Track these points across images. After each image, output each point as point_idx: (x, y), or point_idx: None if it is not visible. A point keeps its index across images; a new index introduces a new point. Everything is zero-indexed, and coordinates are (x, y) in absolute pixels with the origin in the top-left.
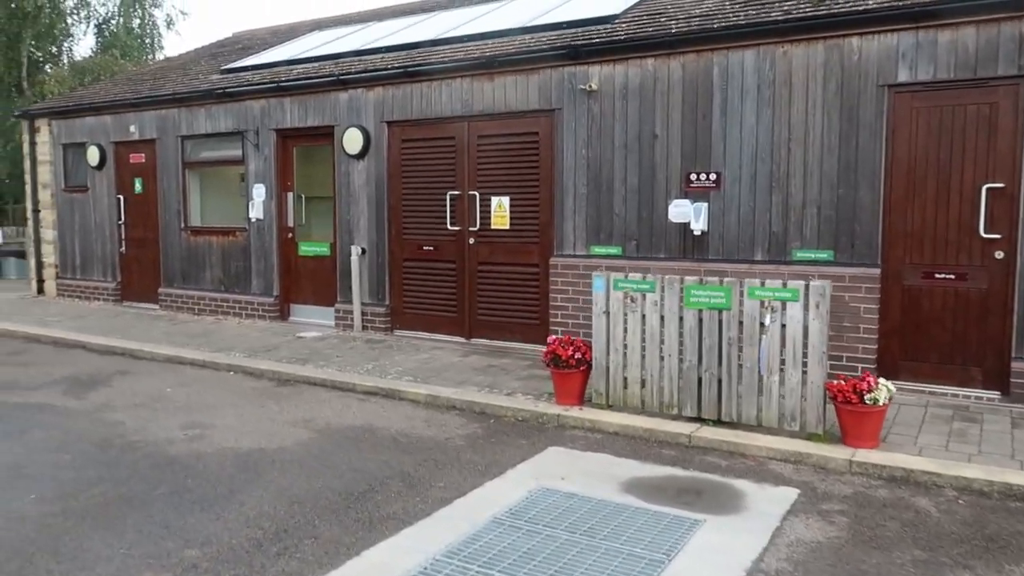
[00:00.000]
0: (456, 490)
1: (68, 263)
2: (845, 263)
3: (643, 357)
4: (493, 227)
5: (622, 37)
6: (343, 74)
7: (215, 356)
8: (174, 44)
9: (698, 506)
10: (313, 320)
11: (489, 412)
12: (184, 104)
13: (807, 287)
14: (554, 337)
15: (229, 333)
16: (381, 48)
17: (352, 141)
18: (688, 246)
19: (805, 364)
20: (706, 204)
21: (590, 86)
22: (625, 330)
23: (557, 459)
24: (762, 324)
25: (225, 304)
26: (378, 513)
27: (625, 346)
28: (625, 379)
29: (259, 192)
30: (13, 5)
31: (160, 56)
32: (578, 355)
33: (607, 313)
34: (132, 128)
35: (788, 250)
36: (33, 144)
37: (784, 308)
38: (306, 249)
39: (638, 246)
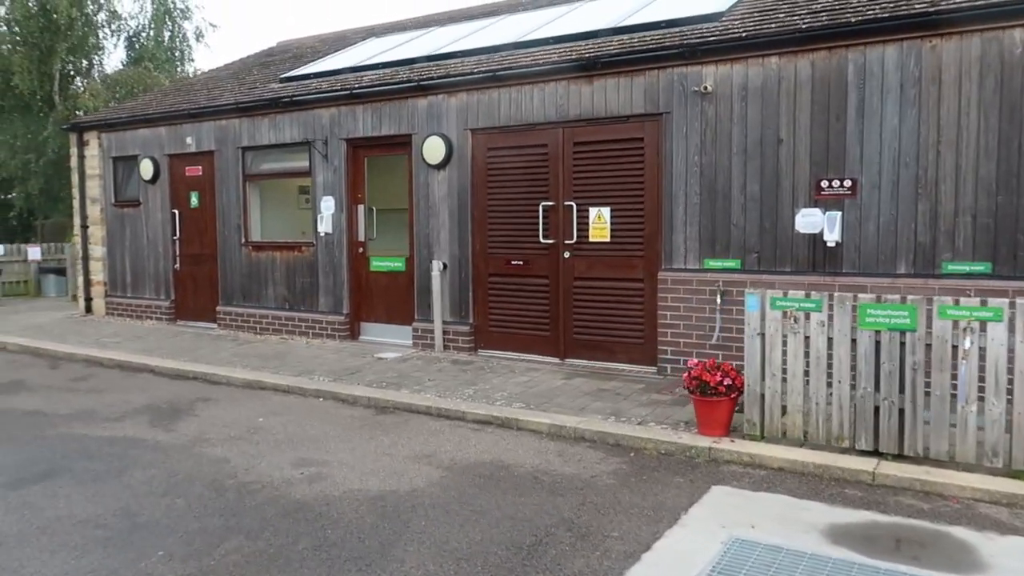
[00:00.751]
0: (636, 541)
1: (118, 280)
2: (1007, 276)
3: (806, 383)
4: (591, 240)
5: (743, 35)
6: (423, 80)
7: (299, 381)
8: (204, 57)
9: (928, 561)
10: (387, 340)
11: (625, 444)
12: (246, 114)
13: (1012, 305)
14: (695, 360)
15: (302, 354)
16: (458, 52)
17: (433, 150)
18: (818, 259)
19: (1010, 392)
20: (840, 213)
21: (705, 87)
22: (784, 353)
23: (729, 501)
24: (956, 347)
25: (290, 323)
26: (563, 573)
27: (784, 371)
28: (784, 408)
29: (328, 205)
30: (44, 20)
31: (190, 69)
32: (727, 381)
33: (762, 335)
34: (189, 140)
35: (937, 262)
36: (82, 158)
37: (983, 329)
38: (379, 264)
39: (759, 259)
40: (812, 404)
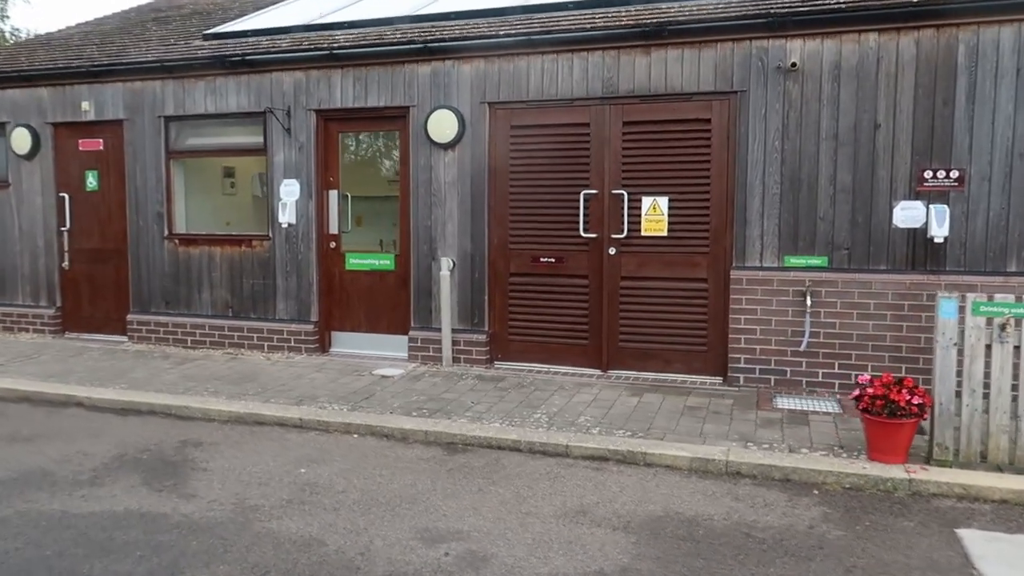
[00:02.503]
0: None
1: None
2: None
3: (1014, 400)
4: (644, 233)
5: (841, 6)
6: (431, 41)
7: (310, 412)
8: (23, 14)
9: None
10: (368, 352)
11: (798, 479)
12: (173, 76)
13: None
14: (868, 376)
15: (275, 374)
16: (460, 12)
17: (441, 127)
18: (919, 256)
19: None
20: (945, 206)
21: (791, 64)
22: (987, 366)
23: (1003, 551)
24: None
25: (236, 335)
26: None
27: (986, 387)
28: (987, 429)
29: (290, 190)
30: None
31: (5, 27)
32: (916, 400)
33: (956, 346)
34: (85, 105)
35: None
36: None
37: None
38: (358, 262)
39: (849, 256)
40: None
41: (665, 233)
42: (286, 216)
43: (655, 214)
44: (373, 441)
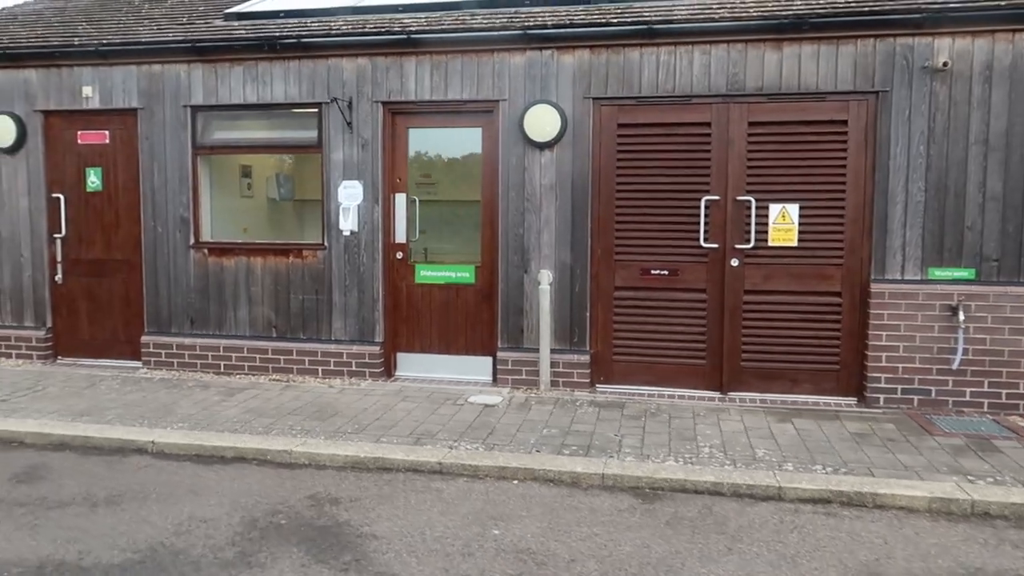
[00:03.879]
0: None
1: None
2: None
3: None
4: (771, 244)
5: (1000, 3)
6: (533, 27)
7: (456, 455)
8: None
9: None
10: (441, 376)
11: None
12: (204, 58)
13: None
14: None
15: (355, 405)
16: None
17: (539, 124)
18: None
19: None
20: None
21: (943, 63)
22: None
23: None
24: None
25: (283, 358)
26: None
27: None
28: None
29: (351, 193)
30: None
31: None
32: None
33: None
34: (88, 91)
35: None
36: None
37: None
38: (430, 275)
39: (999, 268)
40: None
41: (794, 243)
42: (348, 223)
43: (784, 223)
44: (541, 488)
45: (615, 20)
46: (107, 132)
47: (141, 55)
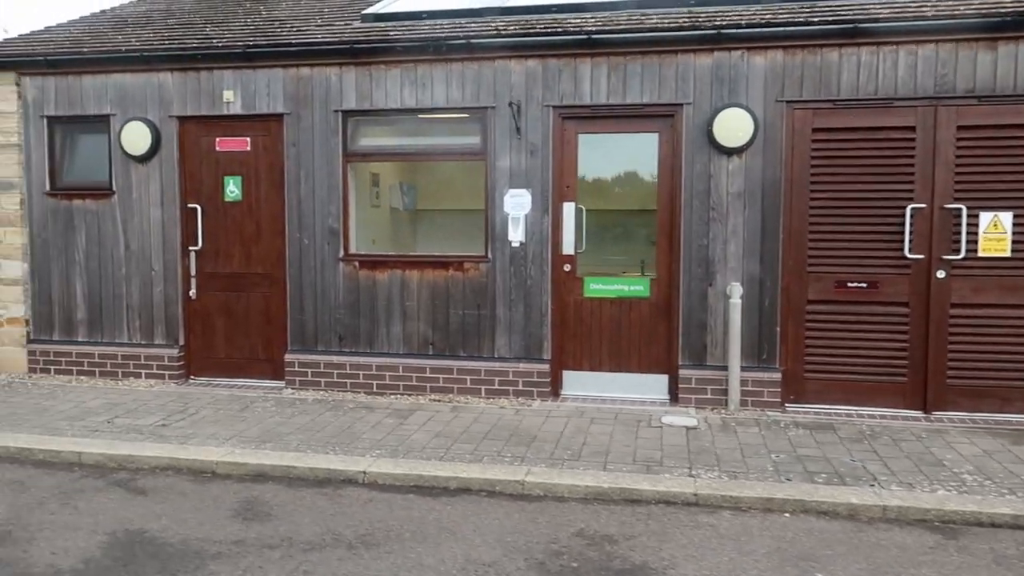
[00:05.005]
0: None
1: (56, 317)
2: None
3: None
4: (980, 254)
5: None
6: (726, 27)
7: (709, 485)
8: None
9: None
10: (612, 395)
11: None
12: (359, 61)
13: None
14: None
15: (540, 428)
16: None
17: (731, 128)
18: None
19: None
20: None
21: None
22: None
23: None
24: None
25: (441, 377)
26: None
27: None
28: None
29: (519, 202)
30: None
31: None
32: None
33: None
34: (229, 95)
35: None
36: None
37: None
38: (600, 288)
39: None
40: None
41: (1007, 253)
42: (517, 233)
43: (996, 232)
44: (819, 522)
45: (815, 19)
46: (248, 139)
47: (289, 57)
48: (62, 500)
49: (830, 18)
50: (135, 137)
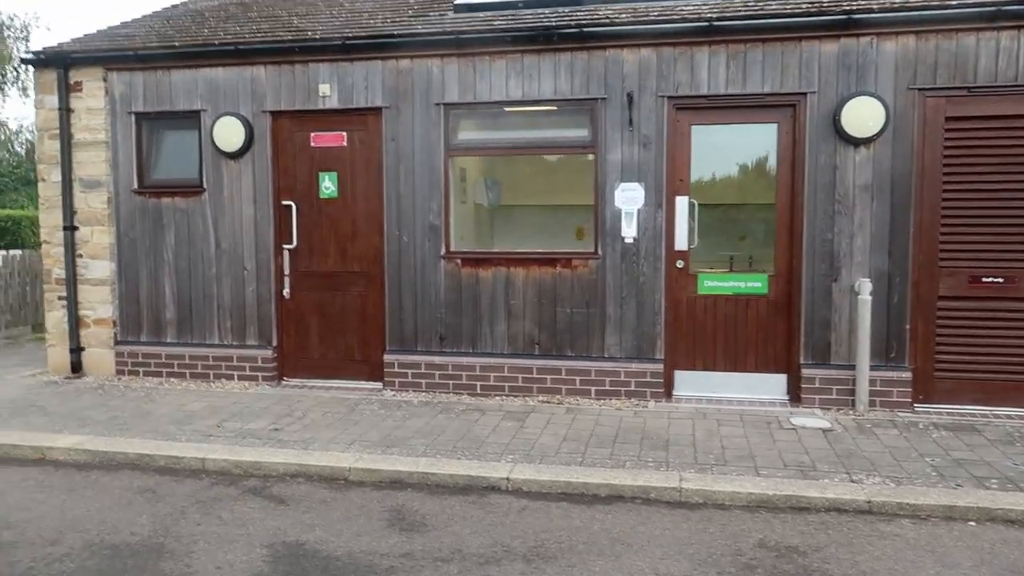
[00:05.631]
0: None
1: (144, 318)
2: None
3: None
4: None
5: None
6: (855, 12)
7: (879, 492)
8: (43, 39)
9: None
10: (726, 395)
11: None
12: (462, 52)
13: None
14: None
15: (668, 431)
16: None
17: (861, 118)
18: None
19: None
20: None
21: None
22: None
23: None
24: None
25: (549, 377)
26: None
27: None
28: None
29: (631, 196)
30: None
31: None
32: None
33: None
34: (325, 89)
35: None
36: (67, 111)
37: None
38: (715, 285)
39: None
40: None
41: None
42: (631, 229)
43: None
44: (1013, 532)
45: (952, 2)
46: (344, 133)
47: (389, 49)
48: (202, 510)
49: (969, 0)
50: (228, 133)
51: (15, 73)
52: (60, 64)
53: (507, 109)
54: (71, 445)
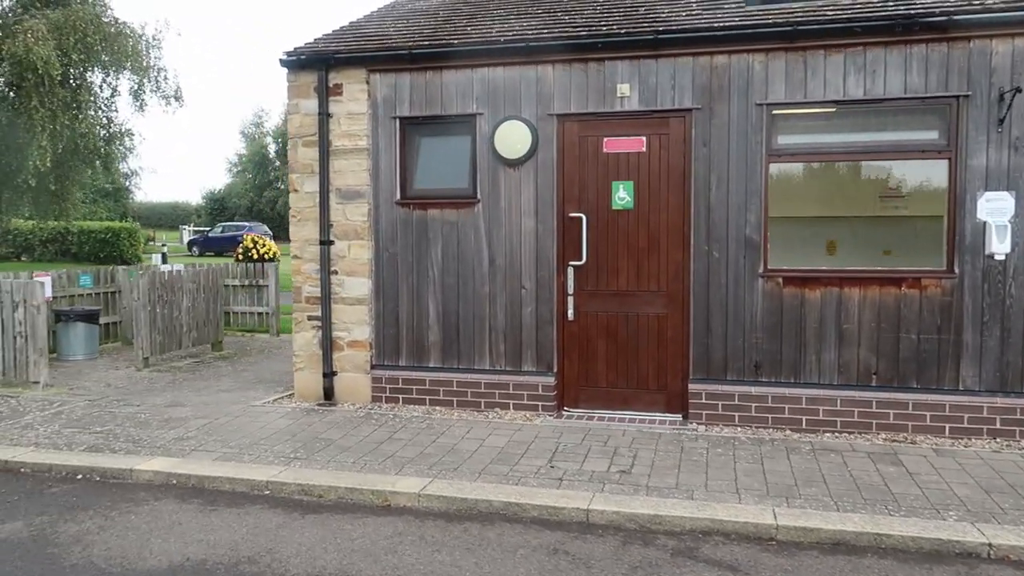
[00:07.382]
0: None
1: (402, 340)
2: None
3: None
4: None
5: None
6: None
7: None
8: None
9: None
10: None
11: None
12: (792, 45)
13: None
14: None
15: None
16: None
17: None
18: None
19: None
20: None
21: None
22: None
23: None
24: None
25: (891, 412)
26: None
27: None
28: None
29: (998, 207)
30: None
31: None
32: None
33: None
34: (624, 89)
35: None
36: (325, 116)
37: None
38: None
39: None
40: None
41: None
42: (1002, 244)
43: None
44: None
45: None
46: (644, 138)
47: (702, 44)
48: None
49: None
50: (512, 138)
51: (155, 84)
52: (320, 65)
53: (841, 109)
54: (417, 490)
